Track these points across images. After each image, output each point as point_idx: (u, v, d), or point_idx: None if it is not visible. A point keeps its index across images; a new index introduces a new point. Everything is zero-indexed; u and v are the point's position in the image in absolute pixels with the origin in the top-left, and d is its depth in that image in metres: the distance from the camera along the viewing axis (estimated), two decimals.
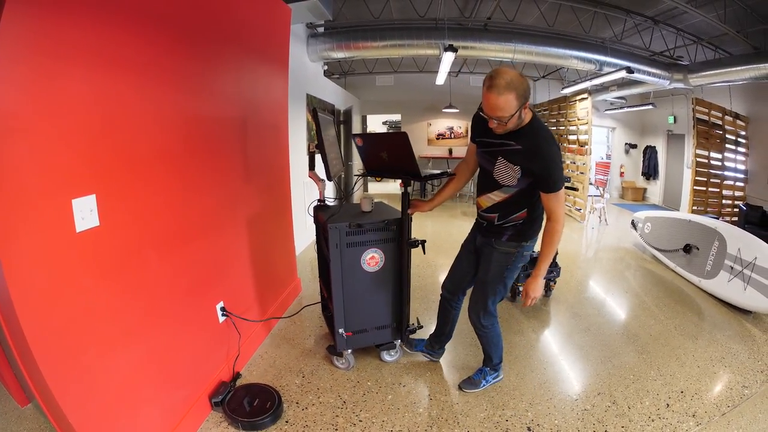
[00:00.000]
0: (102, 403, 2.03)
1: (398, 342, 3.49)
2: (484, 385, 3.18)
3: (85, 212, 1.88)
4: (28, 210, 1.64)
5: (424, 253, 3.26)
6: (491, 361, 3.19)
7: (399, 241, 3.21)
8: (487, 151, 2.69)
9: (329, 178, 3.28)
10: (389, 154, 2.98)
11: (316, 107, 3.19)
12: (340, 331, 3.28)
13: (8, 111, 1.53)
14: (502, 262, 2.81)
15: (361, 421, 2.84)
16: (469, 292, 3.15)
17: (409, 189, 3.11)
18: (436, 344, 3.50)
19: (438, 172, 3.28)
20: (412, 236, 3.24)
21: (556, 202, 2.49)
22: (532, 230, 2.76)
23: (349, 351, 3.42)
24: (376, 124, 17.97)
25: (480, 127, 2.66)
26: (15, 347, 1.78)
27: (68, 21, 1.76)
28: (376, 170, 3.21)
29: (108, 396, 2.06)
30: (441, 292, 3.36)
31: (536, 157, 2.43)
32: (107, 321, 2.04)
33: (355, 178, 10.40)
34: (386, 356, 3.50)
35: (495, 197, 2.71)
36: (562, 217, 2.53)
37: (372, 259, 3.21)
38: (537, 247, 2.75)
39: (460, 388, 3.18)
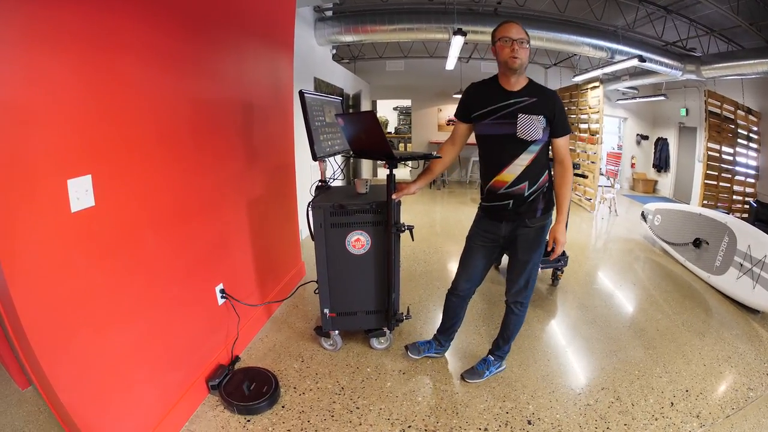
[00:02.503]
0: (96, 383, 2.03)
1: (387, 330, 3.44)
2: (487, 376, 3.13)
3: (81, 192, 1.87)
4: (22, 190, 1.63)
5: (413, 239, 3.26)
6: (506, 346, 3.13)
7: (385, 225, 3.13)
8: (502, 115, 2.58)
9: (314, 158, 3.24)
10: (366, 135, 2.93)
11: (302, 90, 3.13)
12: (325, 311, 3.29)
13: (3, 92, 1.52)
14: (541, 237, 2.80)
15: (358, 408, 2.81)
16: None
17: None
18: (444, 341, 3.39)
19: (420, 153, 3.19)
20: (402, 221, 3.18)
21: (566, 145, 2.70)
22: (553, 194, 2.80)
23: (336, 332, 3.41)
24: (387, 109, 17.95)
25: (482, 97, 2.67)
26: (11, 328, 1.77)
27: (64, 1, 1.73)
28: (359, 151, 3.17)
29: (102, 377, 2.06)
30: (453, 293, 3.15)
31: (552, 102, 2.57)
32: (103, 302, 2.03)
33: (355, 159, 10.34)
34: (375, 343, 3.47)
35: (523, 162, 2.61)
36: (571, 164, 2.73)
37: (357, 242, 3.17)
38: None
39: (462, 378, 3.12)
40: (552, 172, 2.80)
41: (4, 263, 1.56)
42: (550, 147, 2.70)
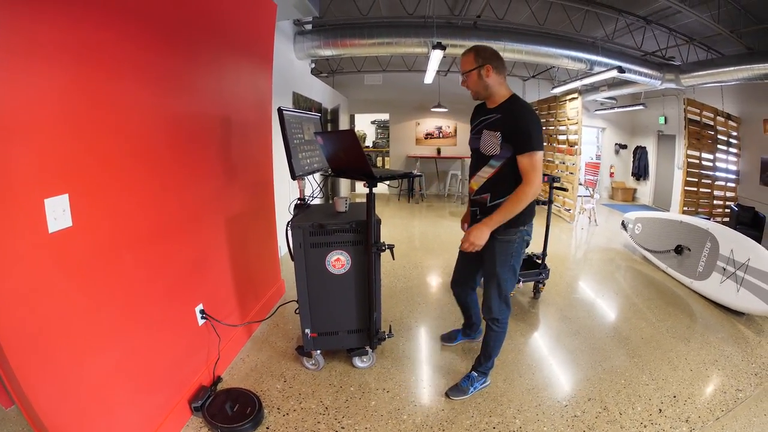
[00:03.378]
0: (78, 406, 2.02)
1: (369, 349, 3.44)
2: (471, 392, 3.11)
3: (58, 212, 1.86)
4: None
5: (393, 258, 3.29)
6: (488, 362, 3.14)
7: (365, 245, 3.14)
8: (475, 131, 2.90)
9: (293, 177, 3.23)
10: (345, 153, 2.95)
11: (280, 107, 3.13)
12: (306, 331, 3.28)
13: None
14: (507, 251, 2.85)
15: (343, 428, 2.77)
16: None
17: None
18: (471, 331, 3.74)
19: (401, 172, 3.28)
20: (382, 240, 3.18)
21: (530, 163, 2.58)
22: (526, 212, 2.78)
23: (318, 352, 3.39)
24: (365, 123, 17.98)
25: (474, 114, 2.98)
26: None
27: (39, 15, 1.72)
28: (338, 170, 3.20)
29: (84, 399, 2.05)
30: (452, 290, 3.50)
31: (513, 119, 2.61)
32: (82, 323, 2.02)
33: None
34: (358, 362, 3.44)
35: (484, 174, 2.82)
36: (535, 183, 2.60)
37: (337, 261, 3.17)
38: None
39: (446, 395, 3.11)
40: None
41: None
42: None
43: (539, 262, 4.94)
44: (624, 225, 7.27)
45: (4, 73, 1.58)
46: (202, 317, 3.07)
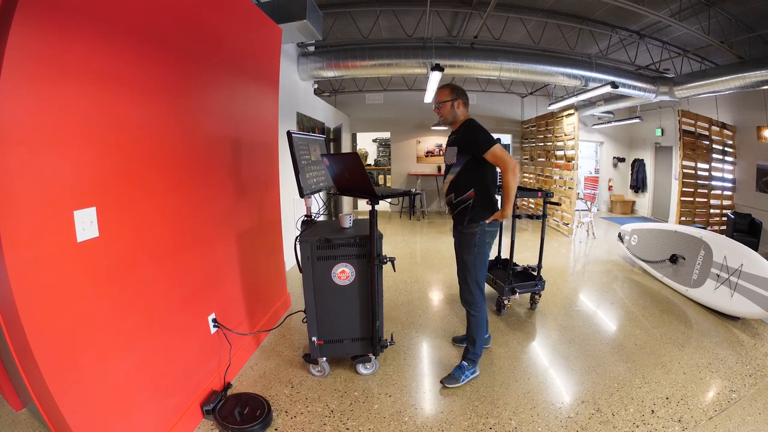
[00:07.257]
0: (98, 406, 2.12)
1: (372, 356, 3.55)
2: (463, 380, 3.37)
3: (86, 223, 2.01)
4: (32, 220, 1.76)
5: (394, 270, 3.48)
6: (474, 349, 3.46)
7: (368, 258, 3.30)
8: (444, 149, 3.49)
9: (301, 195, 3.41)
10: (350, 174, 3.12)
11: (289, 130, 3.31)
12: (313, 338, 3.41)
13: (14, 125, 1.66)
14: (470, 241, 3.31)
15: (348, 429, 2.88)
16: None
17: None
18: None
19: (401, 190, 3.52)
20: (384, 253, 3.37)
21: (494, 155, 3.12)
22: (483, 210, 3.28)
23: (324, 359, 3.51)
24: (367, 141, 17.93)
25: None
26: (15, 350, 1.87)
27: (73, 40, 1.90)
28: (343, 188, 3.38)
29: (103, 400, 2.15)
30: None
31: (463, 133, 3.27)
32: (105, 327, 2.15)
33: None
34: (362, 369, 3.56)
35: (449, 179, 3.36)
36: (509, 165, 3.13)
37: (342, 273, 3.32)
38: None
39: (442, 383, 3.37)
40: (482, 190, 3.28)
41: (14, 287, 1.68)
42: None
43: (534, 274, 5.02)
44: (620, 237, 7.31)
45: (39, 93, 1.76)
46: (215, 326, 3.20)
